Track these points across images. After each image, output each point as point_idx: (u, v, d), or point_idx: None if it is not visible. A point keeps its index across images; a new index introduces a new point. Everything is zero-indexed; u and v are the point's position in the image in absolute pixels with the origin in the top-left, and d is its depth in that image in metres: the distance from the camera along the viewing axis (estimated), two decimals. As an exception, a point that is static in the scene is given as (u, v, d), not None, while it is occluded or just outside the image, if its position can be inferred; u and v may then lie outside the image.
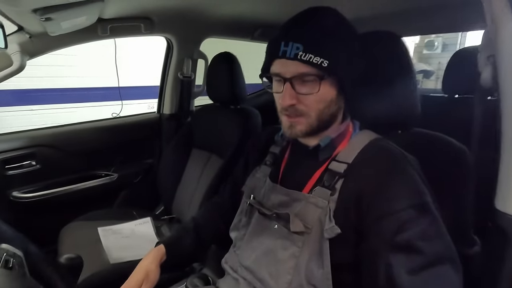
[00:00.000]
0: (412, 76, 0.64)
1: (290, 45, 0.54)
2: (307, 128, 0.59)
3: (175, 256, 0.77)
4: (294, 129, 0.60)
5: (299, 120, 0.59)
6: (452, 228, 0.51)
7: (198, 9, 1.21)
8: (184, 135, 1.46)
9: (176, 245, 0.78)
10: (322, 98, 0.57)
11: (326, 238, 0.54)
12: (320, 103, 0.58)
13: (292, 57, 0.54)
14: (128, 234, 1.22)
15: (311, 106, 0.58)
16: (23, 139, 1.31)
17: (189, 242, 0.79)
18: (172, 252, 0.76)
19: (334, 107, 0.60)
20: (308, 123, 0.59)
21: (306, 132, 0.60)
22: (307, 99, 0.57)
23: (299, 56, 0.54)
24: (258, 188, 0.72)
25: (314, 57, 0.53)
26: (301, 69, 0.55)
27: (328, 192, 0.57)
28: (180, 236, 0.80)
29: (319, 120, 0.59)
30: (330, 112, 0.59)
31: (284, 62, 0.56)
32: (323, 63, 0.53)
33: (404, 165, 0.54)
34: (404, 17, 1.22)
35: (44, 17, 0.75)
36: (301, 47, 0.53)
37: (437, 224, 0.50)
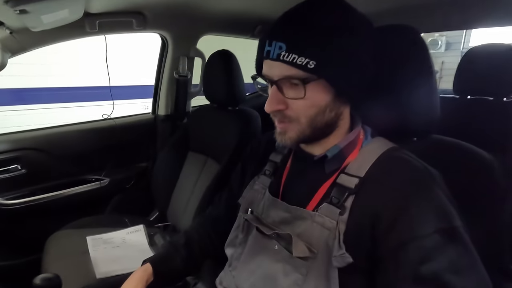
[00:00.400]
0: (432, 75, 0.56)
1: (273, 44, 0.48)
2: (298, 135, 0.52)
3: (164, 276, 0.69)
4: (284, 136, 0.54)
5: (289, 126, 0.53)
6: (485, 257, 0.43)
7: (194, 4, 1.13)
8: (180, 138, 1.39)
9: (165, 263, 0.71)
10: (312, 103, 0.50)
11: (335, 267, 0.47)
12: (311, 109, 0.50)
13: (275, 58, 0.48)
14: (118, 243, 1.15)
15: (300, 112, 0.51)
16: (7, 142, 1.23)
17: (179, 260, 0.72)
18: (160, 271, 0.68)
19: (329, 114, 0.51)
20: (299, 130, 0.52)
21: (297, 140, 0.53)
22: (295, 104, 0.50)
23: (282, 56, 0.47)
24: (257, 201, 0.64)
25: (298, 58, 0.46)
26: (285, 71, 0.48)
27: (337, 211, 0.49)
28: (169, 254, 0.73)
29: (312, 128, 0.52)
30: (324, 120, 0.52)
31: (270, 63, 0.50)
32: (309, 64, 0.46)
33: (428, 181, 0.46)
34: (418, 13, 1.14)
35: (18, 9, 0.67)
36: (284, 46, 0.47)
37: (469, 254, 0.42)
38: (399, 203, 0.45)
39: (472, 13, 1.16)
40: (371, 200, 0.48)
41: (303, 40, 0.46)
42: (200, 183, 1.26)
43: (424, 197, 0.45)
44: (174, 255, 0.72)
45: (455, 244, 0.42)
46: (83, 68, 3.14)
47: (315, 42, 0.46)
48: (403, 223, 0.44)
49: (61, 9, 0.81)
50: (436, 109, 0.58)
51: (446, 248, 0.42)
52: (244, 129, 1.18)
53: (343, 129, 0.56)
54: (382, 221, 0.45)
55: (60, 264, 1.01)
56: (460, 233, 0.43)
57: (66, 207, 1.35)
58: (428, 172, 0.48)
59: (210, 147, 1.30)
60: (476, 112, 1.15)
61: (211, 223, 0.80)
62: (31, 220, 1.29)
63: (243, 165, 0.78)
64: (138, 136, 1.54)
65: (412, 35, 0.55)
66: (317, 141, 0.55)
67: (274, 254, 0.56)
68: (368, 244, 0.46)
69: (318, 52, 0.46)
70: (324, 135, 0.54)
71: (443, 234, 0.42)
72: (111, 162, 1.45)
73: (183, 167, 1.37)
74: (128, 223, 1.23)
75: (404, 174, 0.48)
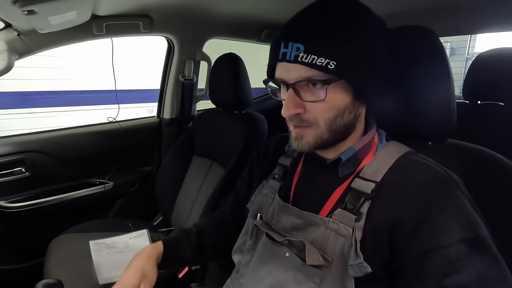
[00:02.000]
0: (450, 79, 0.54)
1: (290, 45, 0.46)
2: (316, 140, 0.50)
3: (171, 259, 0.67)
4: (301, 141, 0.51)
5: (306, 131, 0.50)
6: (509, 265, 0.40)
7: (201, 7, 1.13)
8: (185, 141, 1.38)
9: (175, 247, 0.68)
10: (332, 105, 0.48)
11: (352, 276, 0.44)
12: (330, 111, 0.48)
13: (293, 60, 0.46)
14: (122, 248, 1.13)
15: (319, 115, 0.49)
16: (11, 145, 1.22)
17: (189, 247, 0.70)
18: (168, 253, 0.66)
19: (348, 116, 0.49)
20: (317, 134, 0.50)
21: (315, 145, 0.51)
22: (314, 107, 0.48)
23: (300, 58, 0.45)
24: (266, 206, 0.62)
25: (318, 58, 0.44)
26: (304, 73, 0.46)
27: (353, 217, 0.47)
28: (181, 239, 0.70)
29: (331, 131, 0.49)
30: (343, 122, 0.49)
31: (286, 65, 0.48)
32: (329, 64, 0.44)
33: (452, 187, 0.44)
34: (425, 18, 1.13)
35: (26, 10, 0.66)
36: (302, 47, 0.45)
37: (498, 265, 0.40)
38: (421, 210, 0.43)
39: (482, 17, 1.15)
40: (389, 206, 0.45)
41: (322, 40, 0.45)
42: (205, 188, 1.25)
43: (447, 205, 0.43)
44: (185, 241, 0.70)
45: (482, 255, 0.40)
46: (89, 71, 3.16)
47: (335, 42, 0.44)
48: (426, 232, 0.42)
49: (69, 11, 0.80)
50: (453, 113, 0.56)
51: (473, 259, 0.39)
52: (250, 133, 1.17)
53: (358, 132, 0.54)
54: (402, 228, 0.43)
55: (63, 269, 1.00)
56: (487, 243, 0.41)
57: (69, 211, 1.34)
58: (450, 177, 0.46)
59: (215, 151, 1.28)
60: (487, 117, 1.13)
61: (219, 223, 0.78)
62: (34, 224, 1.28)
63: (250, 169, 0.76)
64: (143, 139, 1.53)
65: (430, 37, 0.54)
66: (333, 146, 0.53)
67: (285, 261, 0.54)
68: (386, 252, 0.44)
69: (338, 52, 0.44)
70: (341, 139, 0.52)
71: (469, 244, 0.40)
72: (115, 165, 1.43)
73: (187, 171, 1.35)
74: (131, 228, 1.21)
75: (426, 179, 0.46)
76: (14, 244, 1.27)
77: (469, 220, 0.42)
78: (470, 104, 1.22)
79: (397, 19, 1.05)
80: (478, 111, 1.17)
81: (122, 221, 1.30)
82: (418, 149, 0.54)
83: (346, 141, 0.53)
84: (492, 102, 1.15)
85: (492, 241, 0.42)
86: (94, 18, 1.07)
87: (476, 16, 1.11)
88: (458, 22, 1.20)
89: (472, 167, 0.54)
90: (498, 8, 1.01)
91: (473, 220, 0.42)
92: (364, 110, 0.53)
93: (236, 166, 1.11)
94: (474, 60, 1.21)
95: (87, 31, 1.10)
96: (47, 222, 1.29)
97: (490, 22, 1.17)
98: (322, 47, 0.44)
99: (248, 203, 0.67)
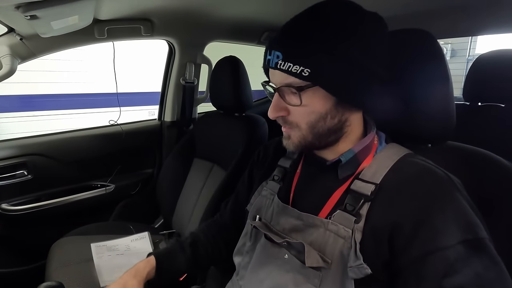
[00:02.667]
0: (449, 81, 0.54)
1: (272, 53, 0.49)
2: (300, 140, 0.53)
3: (165, 272, 0.68)
4: (288, 140, 0.55)
5: (292, 132, 0.54)
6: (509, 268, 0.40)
7: (201, 11, 1.14)
8: (186, 144, 1.39)
9: (169, 259, 0.70)
10: (312, 110, 0.50)
11: (351, 278, 0.44)
12: (311, 115, 0.50)
13: (273, 66, 0.49)
14: (123, 250, 1.13)
15: (301, 118, 0.51)
16: (14, 148, 1.23)
17: (184, 258, 0.71)
18: (162, 266, 0.67)
19: (331, 121, 0.50)
20: (300, 136, 0.53)
21: (300, 146, 0.53)
22: (296, 111, 0.51)
23: (279, 65, 0.48)
24: (265, 208, 0.62)
25: (293, 66, 0.46)
26: (283, 79, 0.49)
27: (352, 219, 0.47)
28: (175, 251, 0.71)
29: (313, 134, 0.51)
30: (326, 126, 0.51)
31: (272, 71, 0.51)
32: (303, 72, 0.46)
33: (451, 189, 0.44)
34: (425, 20, 1.13)
35: (29, 15, 0.67)
36: (281, 55, 0.47)
37: (496, 267, 0.40)
38: (421, 212, 0.43)
39: (479, 19, 1.15)
40: (389, 208, 0.46)
41: (297, 49, 0.46)
42: (206, 190, 1.25)
43: (447, 207, 0.43)
44: (179, 253, 0.71)
45: (481, 257, 0.40)
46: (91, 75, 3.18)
47: (309, 51, 0.46)
48: (425, 234, 0.42)
49: (71, 16, 0.81)
50: (453, 115, 0.56)
51: (471, 261, 0.39)
52: (251, 135, 1.17)
53: (354, 135, 0.54)
54: (402, 230, 0.43)
55: (64, 272, 1.00)
56: (486, 245, 0.41)
57: (71, 213, 1.34)
58: (450, 179, 0.46)
59: (216, 154, 1.28)
60: (488, 119, 1.13)
61: (218, 228, 0.78)
62: (36, 226, 1.28)
63: (250, 171, 0.76)
64: (144, 142, 1.54)
65: (428, 40, 0.54)
66: (327, 148, 0.54)
67: (284, 263, 0.54)
68: (386, 254, 0.44)
69: (312, 60, 0.46)
70: (331, 142, 0.53)
71: (468, 245, 0.40)
72: (117, 168, 1.44)
73: (188, 174, 1.36)
74: (133, 230, 1.22)
75: (425, 181, 0.46)
76: (16, 246, 1.28)
77: (468, 222, 0.42)
78: (470, 106, 1.22)
79: (395, 22, 1.05)
80: (479, 113, 1.16)
81: (123, 223, 1.30)
82: (418, 151, 0.54)
83: (340, 143, 0.54)
84: (492, 103, 1.15)
85: (491, 243, 0.42)
86: (96, 22, 1.08)
87: (474, 18, 1.11)
88: (457, 24, 1.20)
89: (472, 169, 0.54)
90: (496, 9, 1.01)
91: (472, 222, 0.42)
92: (356, 115, 0.53)
93: (236, 168, 1.11)
94: (474, 62, 1.21)
95: (89, 35, 1.11)
96: (49, 225, 1.29)
97: (489, 24, 1.17)
98: (297, 55, 0.46)
99: (248, 204, 0.68)
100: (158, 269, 0.67)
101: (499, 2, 0.95)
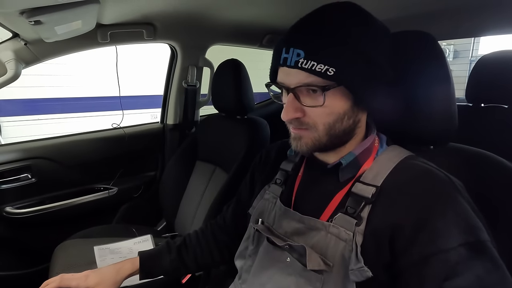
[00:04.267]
0: (450, 82, 0.54)
1: (291, 51, 0.46)
2: (314, 142, 0.51)
3: (148, 271, 0.72)
4: (300, 141, 0.52)
5: (305, 133, 0.51)
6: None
7: (203, 15, 1.14)
8: (188, 147, 1.39)
9: (153, 260, 0.73)
10: (331, 111, 0.48)
11: (353, 281, 0.44)
12: (329, 117, 0.49)
13: (293, 65, 0.46)
14: (126, 253, 1.14)
15: (318, 119, 0.49)
16: (18, 151, 1.24)
17: (168, 260, 0.73)
18: (146, 266, 0.71)
19: (348, 122, 0.50)
20: (315, 137, 0.50)
21: (313, 147, 0.51)
22: (313, 112, 0.49)
23: (300, 64, 0.45)
24: (267, 211, 0.62)
25: (317, 65, 0.44)
26: (303, 79, 0.47)
27: (353, 222, 0.47)
28: (161, 252, 0.74)
29: (329, 135, 0.50)
30: (342, 127, 0.50)
31: (287, 70, 0.48)
32: (328, 71, 0.44)
33: (452, 192, 0.44)
34: (427, 21, 1.13)
35: (33, 20, 0.68)
36: (302, 53, 0.45)
37: (498, 270, 0.39)
38: (421, 215, 0.43)
39: (481, 20, 1.15)
40: (390, 210, 0.45)
41: (322, 47, 0.45)
42: (208, 193, 1.25)
43: (448, 209, 0.42)
44: (165, 255, 0.73)
45: (482, 259, 0.39)
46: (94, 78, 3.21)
47: (335, 49, 0.45)
48: (426, 236, 0.42)
49: (74, 21, 0.82)
50: (454, 116, 0.56)
51: (473, 263, 0.39)
52: (253, 138, 1.17)
53: (358, 137, 0.54)
54: (402, 233, 0.43)
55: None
56: (487, 247, 0.41)
57: (74, 216, 1.35)
58: (451, 181, 0.46)
59: (218, 156, 1.29)
60: (491, 120, 1.12)
61: (215, 231, 0.79)
62: (40, 229, 1.29)
63: (252, 174, 0.76)
64: (146, 145, 1.54)
65: (429, 41, 0.54)
66: (333, 150, 0.54)
67: (286, 266, 0.54)
68: (387, 256, 0.44)
69: (338, 59, 0.45)
70: (341, 143, 0.53)
71: (469, 248, 0.40)
72: (120, 171, 1.45)
73: (191, 177, 1.36)
74: (135, 233, 1.22)
75: (426, 183, 0.46)
76: (20, 249, 1.29)
77: (470, 224, 0.41)
78: (473, 107, 1.21)
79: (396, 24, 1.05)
80: (482, 114, 1.16)
81: (126, 226, 1.31)
82: (420, 153, 0.53)
83: (346, 145, 0.54)
84: (495, 104, 1.14)
85: (494, 246, 0.41)
86: (99, 27, 1.09)
87: (476, 19, 1.11)
88: (458, 26, 1.20)
89: (474, 170, 0.54)
90: (498, 10, 1.01)
91: (474, 224, 0.41)
92: (364, 116, 0.53)
93: (239, 171, 1.12)
94: (477, 63, 1.21)
95: (92, 40, 1.12)
96: (53, 228, 1.30)
97: (490, 25, 1.17)
98: (321, 54, 0.45)
99: (250, 208, 0.68)
100: (142, 268, 0.71)
101: (501, 3, 0.94)
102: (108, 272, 0.69)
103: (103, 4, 0.84)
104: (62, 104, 3.14)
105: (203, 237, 0.78)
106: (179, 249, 0.75)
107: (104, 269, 0.70)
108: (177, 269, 0.74)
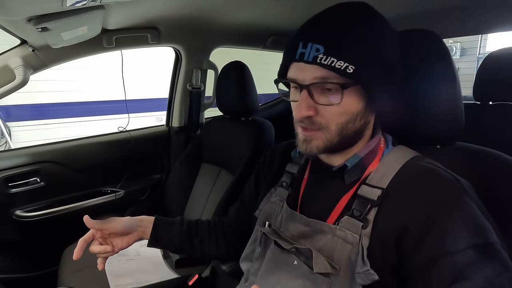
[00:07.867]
0: (456, 81, 0.53)
1: (309, 46, 0.44)
2: (325, 144, 0.49)
3: (157, 240, 0.73)
4: (310, 144, 0.50)
5: (316, 134, 0.49)
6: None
7: (207, 18, 1.15)
8: (194, 149, 1.40)
9: (165, 228, 0.74)
10: (345, 110, 0.47)
11: (359, 284, 0.44)
12: (343, 116, 0.47)
13: (311, 61, 0.44)
14: (133, 256, 1.15)
15: (331, 119, 0.48)
16: (27, 156, 1.27)
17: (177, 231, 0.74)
18: (157, 229, 0.72)
19: (359, 122, 0.49)
20: (327, 138, 0.49)
21: (324, 149, 0.50)
22: (326, 111, 0.47)
23: (319, 59, 0.44)
24: (274, 214, 0.62)
25: (337, 61, 0.43)
26: (321, 75, 0.45)
27: (359, 225, 0.47)
28: (174, 222, 0.76)
29: (341, 136, 0.49)
30: (354, 128, 0.49)
31: (302, 66, 0.47)
32: (348, 68, 0.43)
33: (460, 193, 0.43)
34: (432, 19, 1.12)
35: (40, 27, 0.69)
36: (322, 48, 0.43)
37: (508, 273, 0.38)
38: (428, 217, 0.42)
39: (488, 17, 1.13)
40: (396, 213, 0.45)
41: (343, 43, 0.44)
42: (214, 195, 1.25)
43: (455, 210, 0.42)
44: (177, 225, 0.75)
45: (492, 262, 0.39)
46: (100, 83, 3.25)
47: (356, 46, 0.44)
48: (433, 238, 0.41)
49: (80, 26, 0.83)
50: (461, 115, 0.55)
51: (482, 266, 0.38)
52: (257, 140, 1.17)
53: (365, 138, 0.54)
54: (409, 235, 0.43)
55: (76, 277, 1.01)
56: (497, 249, 0.40)
57: (82, 219, 1.36)
58: (458, 182, 0.45)
59: (223, 158, 1.29)
60: (499, 118, 1.10)
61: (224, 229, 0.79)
62: (48, 232, 1.31)
63: (256, 176, 0.76)
64: (152, 148, 1.56)
65: (434, 40, 0.53)
66: (340, 151, 0.53)
67: (293, 269, 0.54)
68: (394, 259, 0.44)
69: (358, 57, 0.44)
70: (349, 145, 0.52)
71: (478, 250, 0.39)
72: (126, 174, 1.46)
73: (196, 179, 1.37)
74: (142, 236, 1.23)
75: (433, 184, 0.45)
76: (29, 252, 1.30)
77: (478, 226, 0.41)
78: (481, 105, 1.19)
79: (401, 22, 1.04)
80: (490, 112, 1.14)
81: (133, 229, 1.31)
82: (426, 153, 0.53)
83: (356, 146, 0.53)
84: (504, 102, 1.12)
85: (503, 247, 0.40)
86: (104, 32, 1.11)
87: (482, 17, 1.09)
88: (464, 23, 1.18)
89: (482, 170, 0.53)
90: (504, 8, 0.99)
91: (482, 226, 0.41)
92: (373, 117, 0.53)
93: (244, 172, 1.12)
94: (484, 60, 1.19)
95: (98, 45, 1.13)
96: (61, 231, 1.32)
97: (497, 22, 1.15)
98: (342, 50, 0.44)
99: (257, 211, 0.67)
100: (153, 231, 0.72)
101: (505, 1, 0.93)
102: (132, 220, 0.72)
103: (108, 10, 0.86)
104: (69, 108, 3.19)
105: (214, 228, 0.79)
106: (189, 225, 0.76)
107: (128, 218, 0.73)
108: (183, 243, 0.75)
